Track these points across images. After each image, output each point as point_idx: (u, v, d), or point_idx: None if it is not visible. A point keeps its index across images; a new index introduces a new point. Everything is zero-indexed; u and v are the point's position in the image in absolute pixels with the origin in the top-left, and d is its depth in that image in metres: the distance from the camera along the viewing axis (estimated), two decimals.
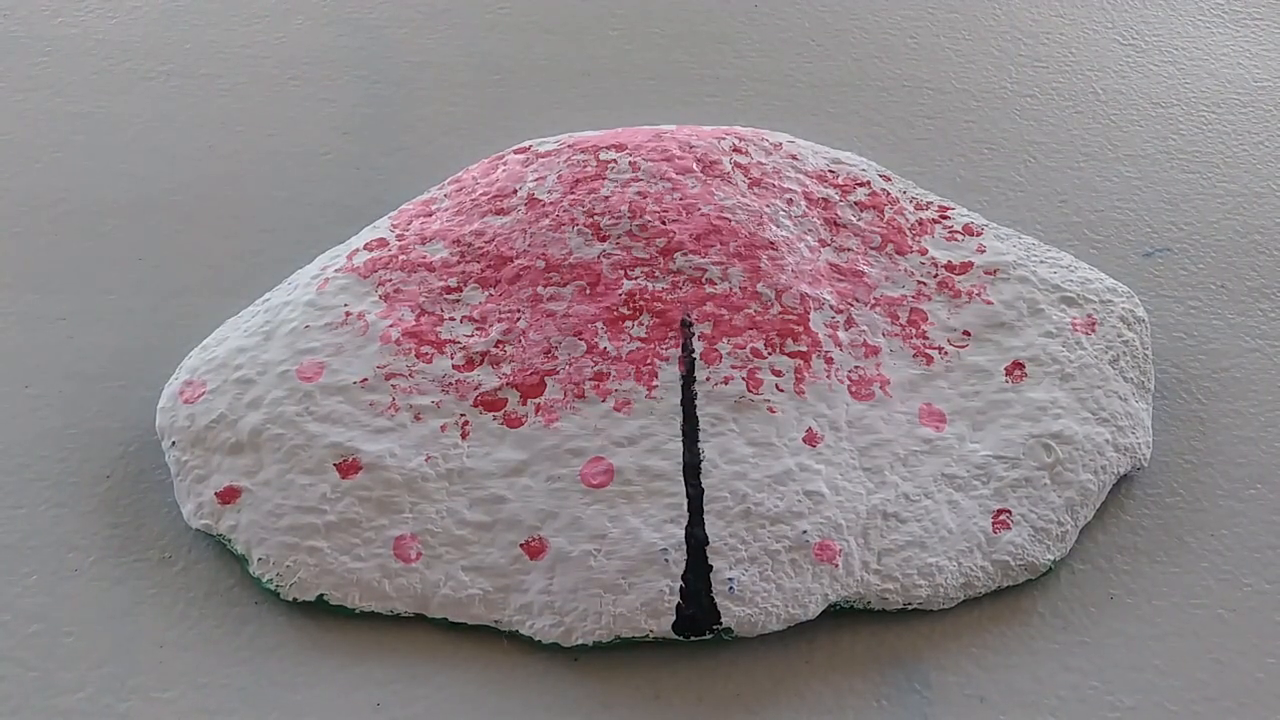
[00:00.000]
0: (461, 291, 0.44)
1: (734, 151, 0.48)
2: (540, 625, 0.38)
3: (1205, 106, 0.59)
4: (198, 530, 0.40)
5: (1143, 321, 0.46)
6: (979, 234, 0.48)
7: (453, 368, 0.42)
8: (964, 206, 0.50)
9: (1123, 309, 0.46)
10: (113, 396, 0.44)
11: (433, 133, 0.55)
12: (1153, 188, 0.55)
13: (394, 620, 0.38)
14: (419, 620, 0.38)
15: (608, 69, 0.59)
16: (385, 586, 0.38)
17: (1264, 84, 0.61)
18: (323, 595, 0.38)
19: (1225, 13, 0.65)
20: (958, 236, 0.48)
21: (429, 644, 0.38)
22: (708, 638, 0.38)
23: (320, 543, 0.39)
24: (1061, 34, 0.63)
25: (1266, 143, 0.57)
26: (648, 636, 0.38)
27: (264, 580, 0.39)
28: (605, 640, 0.38)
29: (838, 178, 0.49)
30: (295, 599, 0.38)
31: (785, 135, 0.51)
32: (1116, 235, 0.52)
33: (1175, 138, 0.57)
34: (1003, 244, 0.48)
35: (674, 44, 0.61)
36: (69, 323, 0.46)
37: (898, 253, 0.47)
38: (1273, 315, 0.49)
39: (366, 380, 0.42)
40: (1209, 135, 0.57)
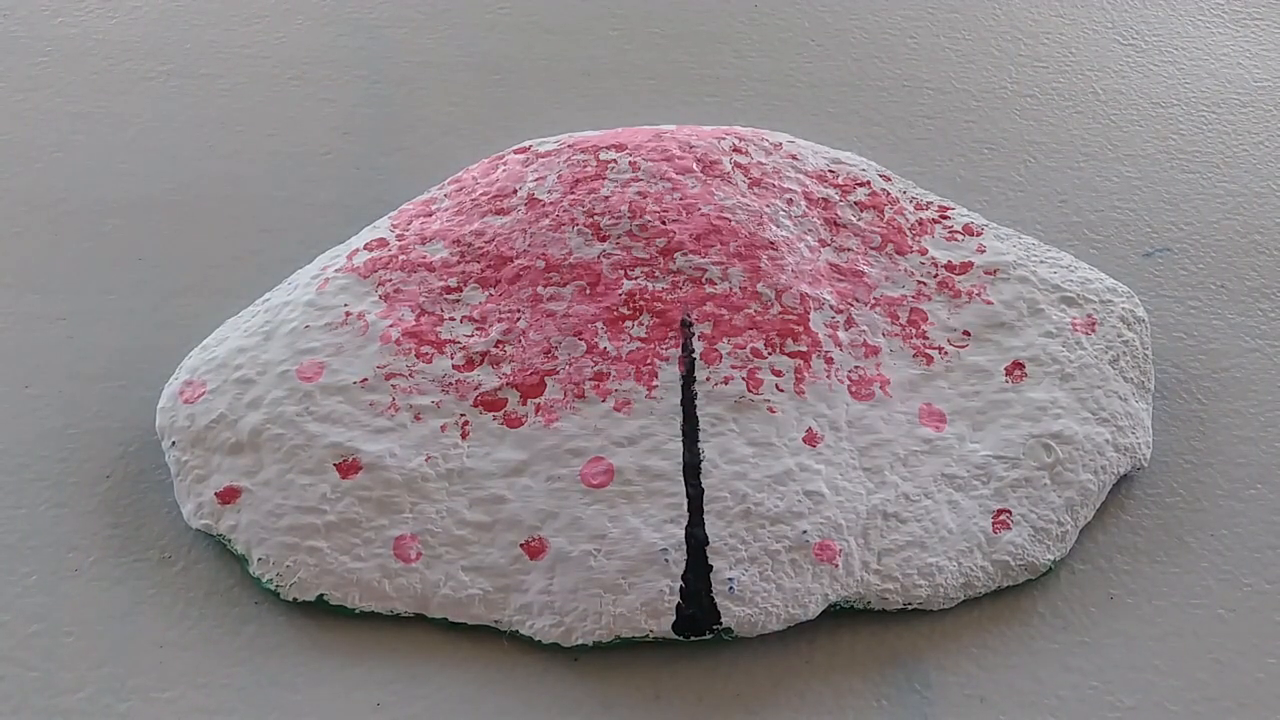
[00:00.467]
0: (461, 291, 0.44)
1: (734, 151, 0.48)
2: (540, 625, 0.38)
3: (1205, 106, 0.59)
4: (198, 530, 0.40)
5: (1143, 321, 0.46)
6: (979, 234, 0.48)
7: (453, 368, 0.42)
8: (964, 206, 0.50)
9: (1123, 309, 0.46)
10: (113, 396, 0.44)
11: (433, 133, 0.55)
12: (1153, 188, 0.55)
13: (394, 620, 0.38)
14: (419, 620, 0.38)
15: (608, 69, 0.59)
16: (385, 586, 0.38)
17: (1264, 84, 0.61)
18: (323, 595, 0.38)
19: (1225, 13, 0.65)
20: (958, 236, 0.48)
21: (429, 644, 0.38)
22: (708, 638, 0.38)
23: (320, 543, 0.39)
24: (1061, 34, 0.63)
25: (1267, 143, 0.57)
26: (648, 636, 0.38)
27: (264, 580, 0.39)
28: (605, 640, 0.38)
29: (838, 178, 0.49)
30: (295, 599, 0.38)
31: (785, 135, 0.51)
32: (1116, 235, 0.52)
33: (1175, 138, 0.57)
34: (1003, 244, 0.48)
35: (674, 44, 0.61)
36: (69, 323, 0.46)
37: (898, 253, 0.47)
38: (1273, 315, 0.49)
39: (366, 380, 0.42)
40: (1209, 135, 0.57)
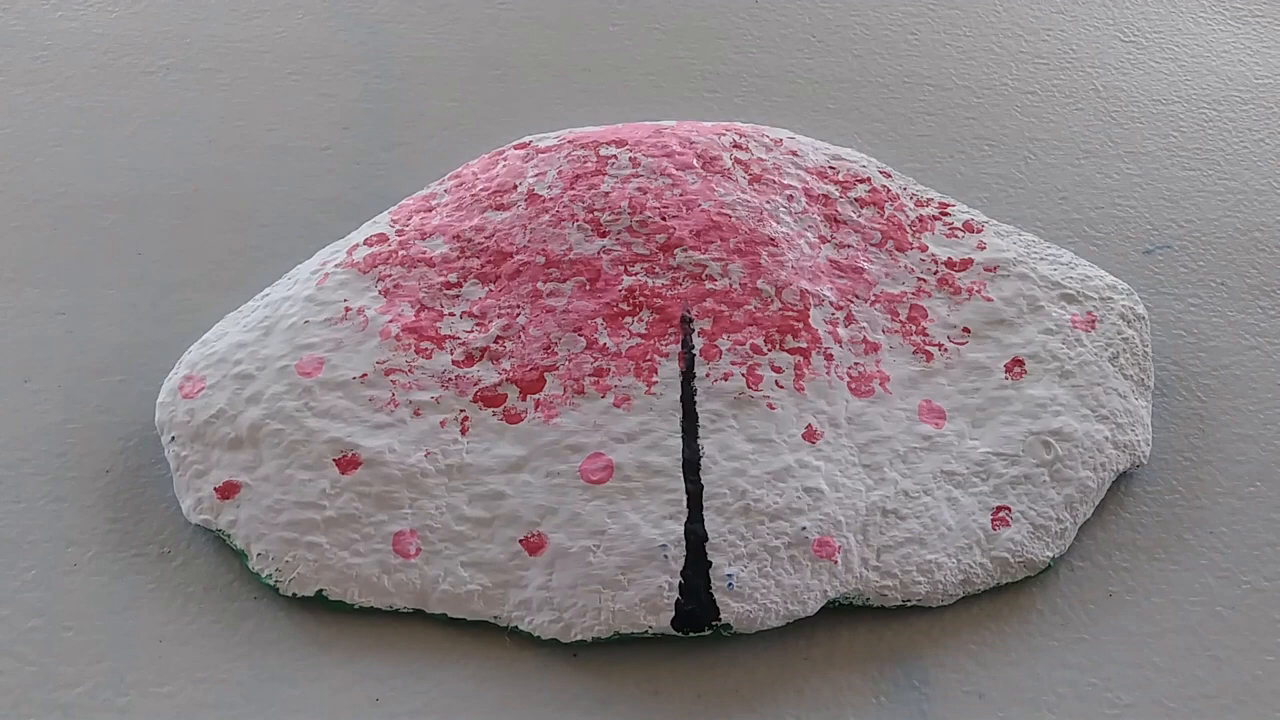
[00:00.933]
0: (461, 287, 0.44)
1: (734, 148, 0.48)
2: (539, 621, 0.38)
3: (1206, 103, 0.59)
4: (197, 525, 0.40)
5: (1142, 319, 0.46)
6: (979, 231, 0.48)
7: (452, 363, 0.42)
8: (964, 203, 0.50)
9: (1123, 306, 0.46)
10: (112, 391, 0.44)
11: (433, 128, 0.55)
12: (1153, 185, 0.55)
13: (393, 616, 0.38)
14: (418, 616, 0.39)
15: (608, 65, 0.59)
16: (384, 582, 0.38)
17: (1265, 81, 0.60)
18: (322, 590, 0.38)
19: (1226, 10, 0.65)
20: (958, 233, 0.48)
21: (428, 639, 0.38)
22: (707, 634, 0.38)
23: (319, 538, 0.39)
24: (1062, 30, 0.63)
25: (1267, 140, 0.57)
26: (647, 632, 0.38)
27: (263, 575, 0.39)
28: (604, 636, 0.38)
29: (838, 174, 0.49)
30: (294, 594, 0.38)
31: (786, 131, 0.51)
32: (1117, 232, 0.52)
33: (1176, 135, 0.57)
34: (1003, 241, 0.48)
35: (674, 40, 0.61)
36: (68, 317, 0.46)
37: (898, 249, 0.46)
38: (1273, 313, 0.49)
39: (366, 376, 0.42)
40: (1209, 132, 0.57)
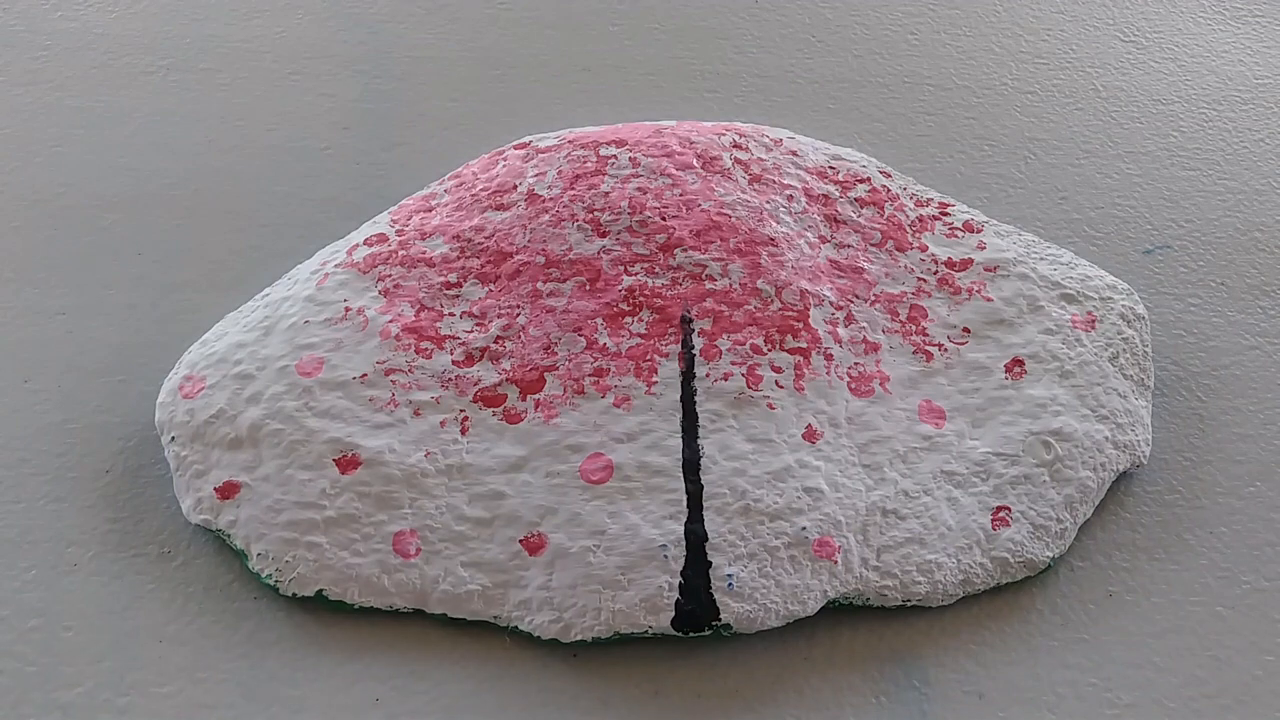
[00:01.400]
0: (461, 287, 0.44)
1: (734, 148, 0.48)
2: (539, 621, 0.38)
3: (1206, 103, 0.59)
4: (197, 525, 0.40)
5: (1142, 319, 0.46)
6: (979, 230, 0.48)
7: (452, 363, 0.42)
8: (964, 203, 0.50)
9: (1122, 306, 0.46)
10: (112, 391, 0.44)
11: (433, 128, 0.55)
12: (1153, 185, 0.55)
13: (393, 616, 0.38)
14: (418, 616, 0.39)
15: (608, 65, 0.59)
16: (384, 582, 0.38)
17: (1265, 81, 0.60)
18: (322, 590, 0.38)
19: (1226, 10, 0.65)
20: (958, 233, 0.48)
21: (428, 640, 0.38)
22: (707, 634, 0.38)
23: (319, 538, 0.39)
24: (1062, 30, 0.63)
25: (1267, 140, 0.57)
26: (647, 632, 0.38)
27: (263, 575, 0.39)
28: (604, 636, 0.38)
29: (838, 174, 0.49)
30: (294, 594, 0.38)
31: (785, 131, 0.51)
32: (1117, 232, 0.52)
33: (1176, 134, 0.57)
34: (1003, 241, 0.48)
35: (674, 40, 0.61)
36: (68, 317, 0.46)
37: (898, 249, 0.46)
38: (1273, 313, 0.49)
39: (366, 376, 0.42)
40: (1209, 132, 0.57)
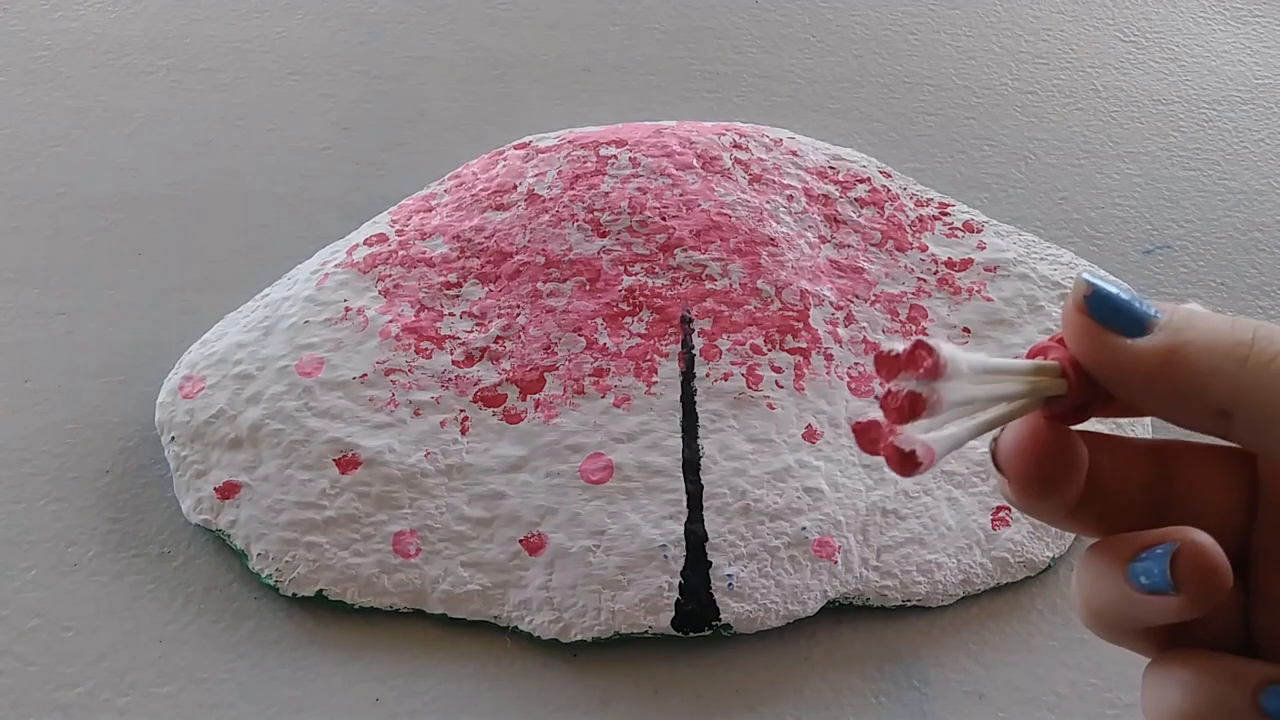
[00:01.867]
0: (461, 287, 0.44)
1: (734, 148, 0.48)
2: (539, 621, 0.38)
3: (1206, 104, 0.59)
4: (197, 525, 0.40)
5: None
6: (979, 230, 0.48)
7: (452, 363, 0.42)
8: (964, 203, 0.50)
9: None
10: (112, 391, 0.44)
11: (433, 128, 0.55)
12: (1153, 185, 0.55)
13: (393, 616, 0.38)
14: (418, 616, 0.39)
15: (608, 65, 0.59)
16: (384, 582, 0.38)
17: (1264, 81, 0.60)
18: (322, 590, 0.38)
19: (1226, 10, 0.65)
20: (958, 233, 0.48)
21: (428, 639, 0.38)
22: (707, 634, 0.38)
23: (319, 538, 0.39)
24: (1062, 31, 0.63)
25: (1267, 140, 0.57)
26: (647, 632, 0.38)
27: (263, 575, 0.39)
28: (604, 636, 0.38)
29: (838, 174, 0.49)
30: (294, 594, 0.38)
31: (786, 131, 0.51)
32: (1116, 232, 0.52)
33: (1175, 135, 0.57)
34: (1003, 241, 0.48)
35: (674, 40, 0.61)
36: (68, 318, 0.46)
37: (898, 249, 0.46)
38: (1273, 312, 0.49)
39: (366, 376, 0.42)
40: (1209, 132, 0.57)
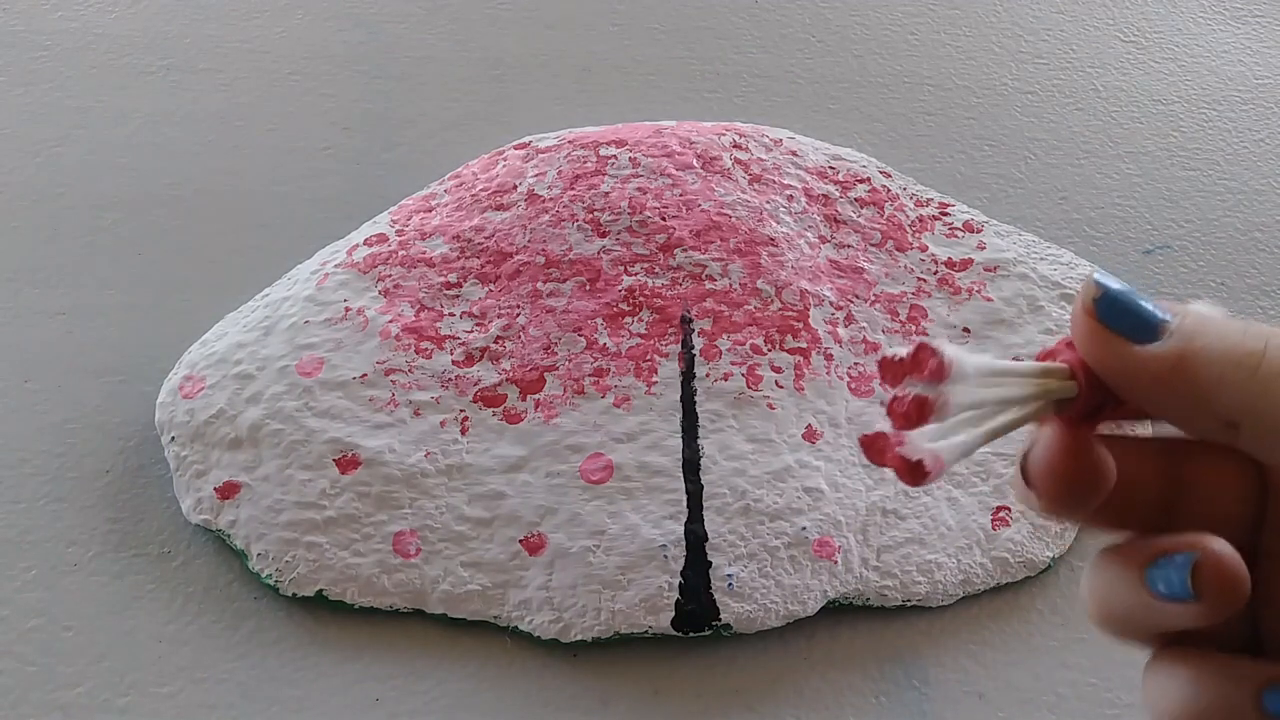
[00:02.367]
0: (461, 287, 0.44)
1: (734, 148, 0.48)
2: (539, 621, 0.38)
3: (1206, 104, 0.59)
4: (197, 525, 0.40)
5: None
6: (979, 231, 0.48)
7: (452, 363, 0.42)
8: (964, 203, 0.50)
9: None
10: (112, 391, 0.44)
11: (433, 128, 0.55)
12: (1153, 185, 0.55)
13: (393, 616, 0.38)
14: (418, 616, 0.39)
15: (608, 65, 0.59)
16: (384, 582, 0.38)
17: (1265, 81, 0.60)
18: (322, 590, 0.38)
19: (1226, 10, 0.65)
20: (958, 233, 0.48)
21: (428, 639, 0.38)
22: (707, 634, 0.38)
23: (319, 538, 0.39)
24: (1062, 31, 0.63)
25: (1267, 140, 0.57)
26: (647, 632, 0.38)
27: (263, 575, 0.39)
28: (604, 636, 0.38)
29: (838, 174, 0.49)
30: (294, 594, 0.38)
31: (785, 131, 0.51)
32: (1116, 232, 0.52)
33: (1175, 135, 0.57)
34: (1003, 241, 0.48)
35: (674, 40, 0.61)
36: (68, 318, 0.46)
37: (898, 249, 0.46)
38: (1273, 313, 0.49)
39: (366, 376, 0.42)
40: (1209, 132, 0.57)
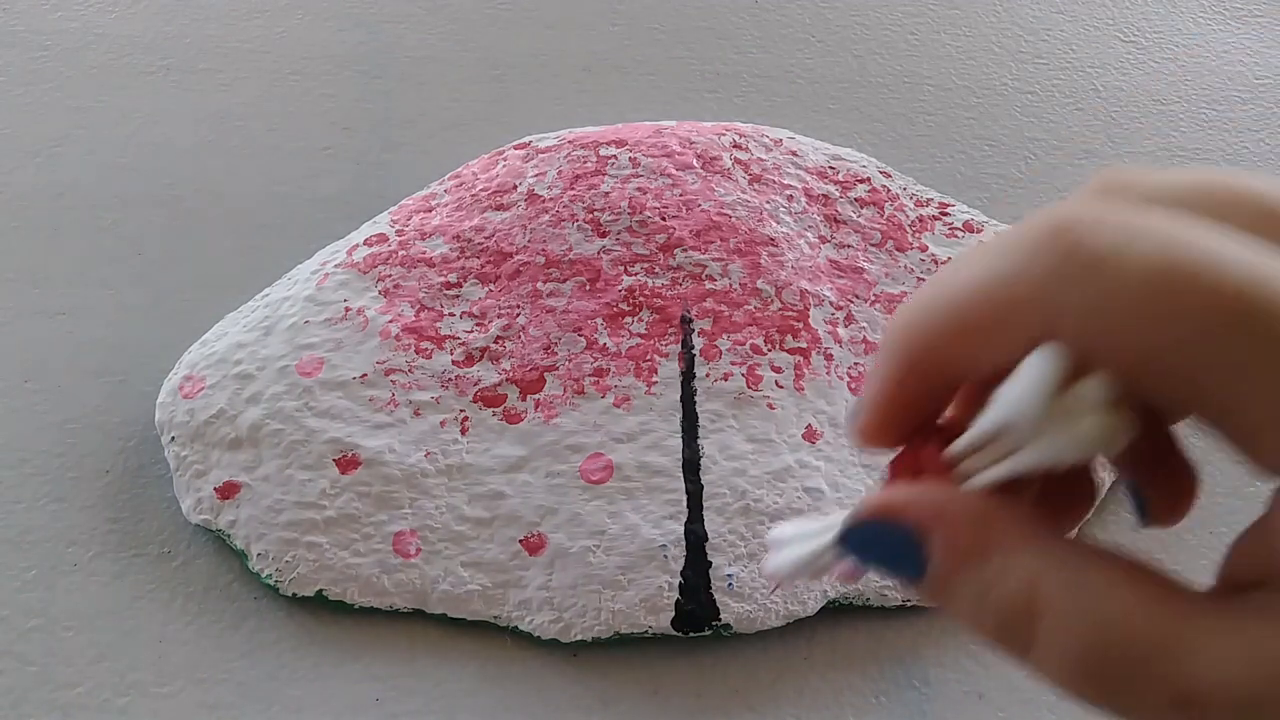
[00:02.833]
0: (461, 287, 0.44)
1: (734, 148, 0.48)
2: (539, 621, 0.38)
3: (1206, 104, 0.59)
4: (197, 525, 0.40)
5: None
6: (979, 231, 0.48)
7: (452, 363, 0.42)
8: (964, 203, 0.50)
9: None
10: (112, 391, 0.44)
11: (433, 128, 0.55)
12: None
13: (393, 616, 0.39)
14: (418, 616, 0.39)
15: (608, 64, 0.59)
16: (384, 582, 0.38)
17: (1265, 81, 0.60)
18: (322, 590, 0.38)
19: (1226, 9, 0.65)
20: (958, 233, 0.48)
21: (428, 639, 0.38)
22: (707, 634, 0.38)
23: (319, 538, 0.39)
24: (1062, 30, 0.63)
25: (1267, 140, 0.57)
26: (647, 632, 0.38)
27: (263, 575, 0.39)
28: (604, 636, 0.38)
29: (838, 174, 0.49)
30: (294, 594, 0.38)
31: (785, 131, 0.51)
32: None
33: (1176, 134, 0.57)
34: None
35: (674, 40, 0.61)
36: (68, 318, 0.46)
37: (898, 249, 0.46)
38: None
39: (366, 376, 0.42)
40: (1210, 132, 0.57)
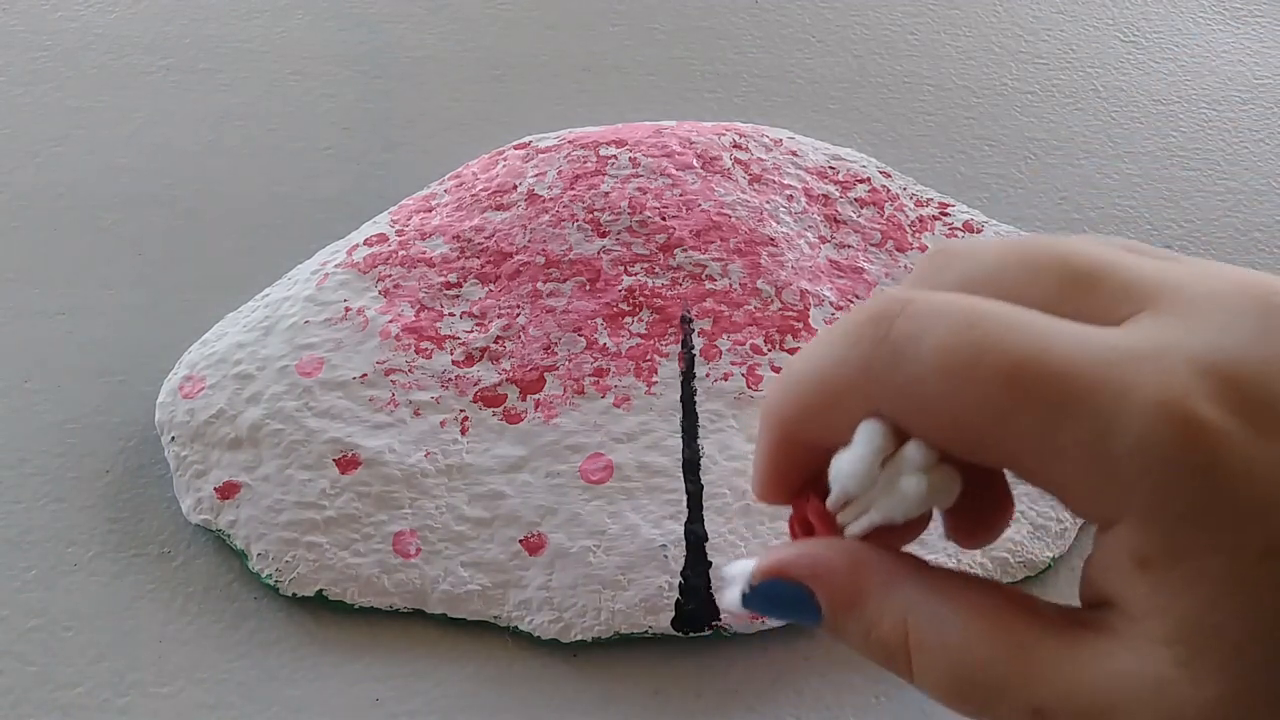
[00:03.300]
0: (461, 287, 0.44)
1: (734, 148, 0.48)
2: (539, 621, 0.38)
3: (1206, 104, 0.59)
4: (197, 525, 0.40)
5: None
6: (979, 231, 0.48)
7: (452, 363, 0.42)
8: (964, 203, 0.50)
9: None
10: (112, 392, 0.44)
11: (433, 128, 0.55)
12: (1153, 185, 0.55)
13: (393, 616, 0.38)
14: (418, 616, 0.38)
15: (608, 65, 0.59)
16: (384, 582, 0.38)
17: (1265, 81, 0.60)
18: (322, 590, 0.38)
19: (1226, 10, 0.65)
20: (958, 233, 0.48)
21: (428, 639, 0.38)
22: (707, 634, 0.38)
23: (319, 538, 0.39)
24: (1062, 31, 0.63)
25: (1267, 140, 0.57)
26: (647, 632, 0.38)
27: (263, 575, 0.39)
28: (604, 636, 0.38)
29: (838, 174, 0.49)
30: (294, 594, 0.38)
31: (785, 131, 0.51)
32: (1116, 232, 0.52)
33: (1176, 134, 0.57)
34: None
35: (674, 40, 0.61)
36: (68, 318, 0.46)
37: (898, 249, 0.46)
38: None
39: (366, 376, 0.42)
40: (1210, 132, 0.57)
